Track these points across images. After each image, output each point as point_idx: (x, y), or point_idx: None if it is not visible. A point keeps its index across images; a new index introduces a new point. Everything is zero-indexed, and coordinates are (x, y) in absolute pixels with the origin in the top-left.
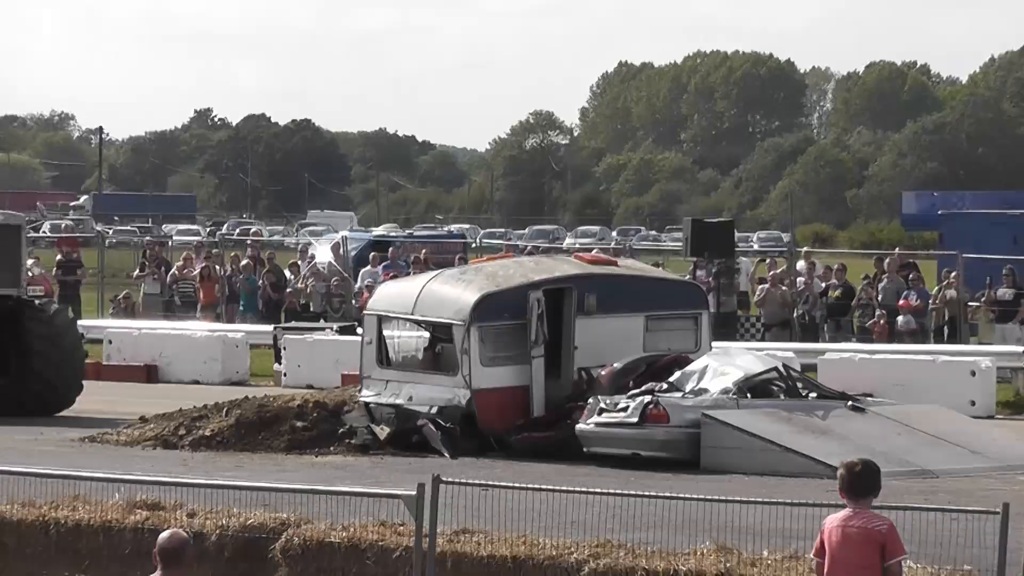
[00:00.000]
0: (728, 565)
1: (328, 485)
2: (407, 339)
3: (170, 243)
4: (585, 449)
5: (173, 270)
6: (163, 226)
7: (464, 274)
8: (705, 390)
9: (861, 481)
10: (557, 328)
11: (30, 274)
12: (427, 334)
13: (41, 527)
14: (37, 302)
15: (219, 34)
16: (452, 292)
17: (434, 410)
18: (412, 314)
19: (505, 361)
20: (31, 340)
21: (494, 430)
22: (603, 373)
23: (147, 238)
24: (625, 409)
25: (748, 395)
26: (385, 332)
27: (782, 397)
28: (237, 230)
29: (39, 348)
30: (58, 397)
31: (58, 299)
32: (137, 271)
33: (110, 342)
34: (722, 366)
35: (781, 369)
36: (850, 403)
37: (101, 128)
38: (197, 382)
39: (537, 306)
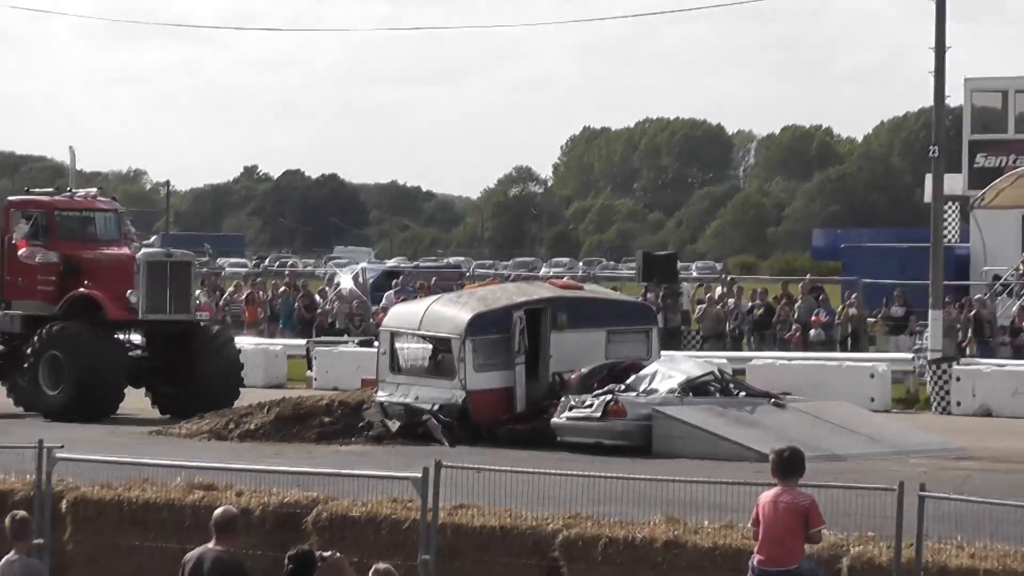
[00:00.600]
0: (676, 533)
1: (350, 469)
2: (414, 350)
3: (223, 273)
4: (558, 439)
5: (225, 295)
6: (218, 259)
7: (460, 297)
8: (655, 390)
9: (788, 464)
10: (535, 340)
11: (197, 302)
12: (430, 346)
13: (116, 504)
14: (203, 324)
15: (262, 103)
16: (450, 312)
17: (436, 407)
18: (419, 330)
19: (493, 367)
20: (197, 355)
21: (485, 423)
22: (572, 377)
23: (205, 269)
24: (591, 406)
25: (690, 394)
26: (396, 344)
27: (718, 396)
28: (277, 263)
29: (204, 362)
30: (219, 400)
31: None
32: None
33: None
34: (669, 371)
35: (717, 373)
36: (773, 400)
37: (168, 181)
38: (244, 386)
39: (519, 323)
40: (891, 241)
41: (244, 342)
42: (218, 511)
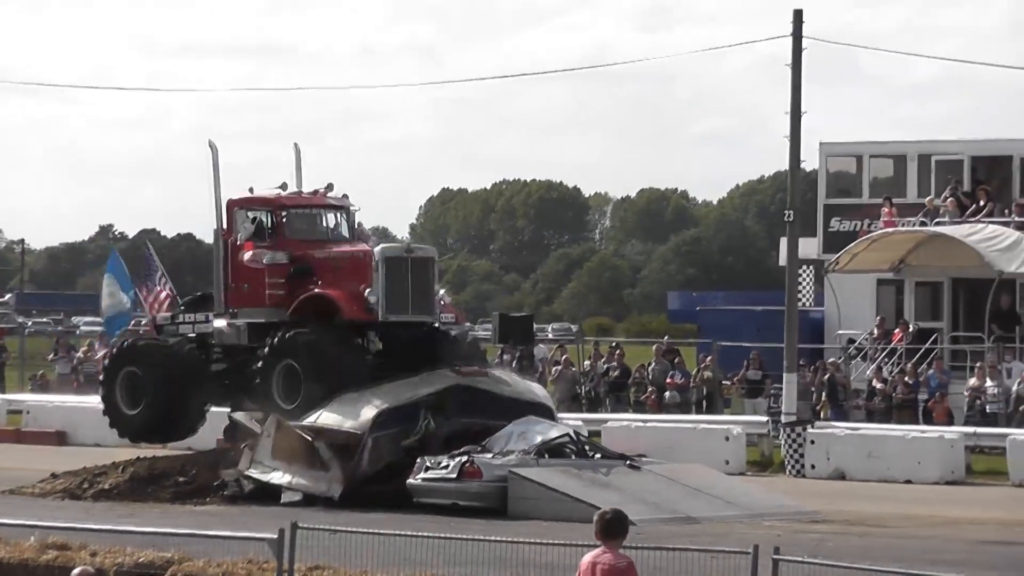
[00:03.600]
0: None
1: (205, 529)
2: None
3: (78, 332)
4: (414, 499)
5: (79, 354)
6: (72, 318)
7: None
8: (511, 451)
9: (610, 526)
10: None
11: (441, 302)
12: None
13: None
14: (447, 328)
15: (118, 161)
16: (354, 407)
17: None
18: (315, 422)
19: (383, 458)
20: (441, 365)
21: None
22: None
23: (59, 328)
24: (446, 467)
25: (546, 456)
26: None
27: (573, 457)
28: (132, 322)
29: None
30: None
31: None
32: (51, 355)
33: (28, 412)
34: (525, 432)
35: (572, 435)
36: (628, 462)
37: (23, 240)
38: (99, 445)
39: (424, 416)
40: (746, 304)
41: (98, 401)
42: (76, 571)
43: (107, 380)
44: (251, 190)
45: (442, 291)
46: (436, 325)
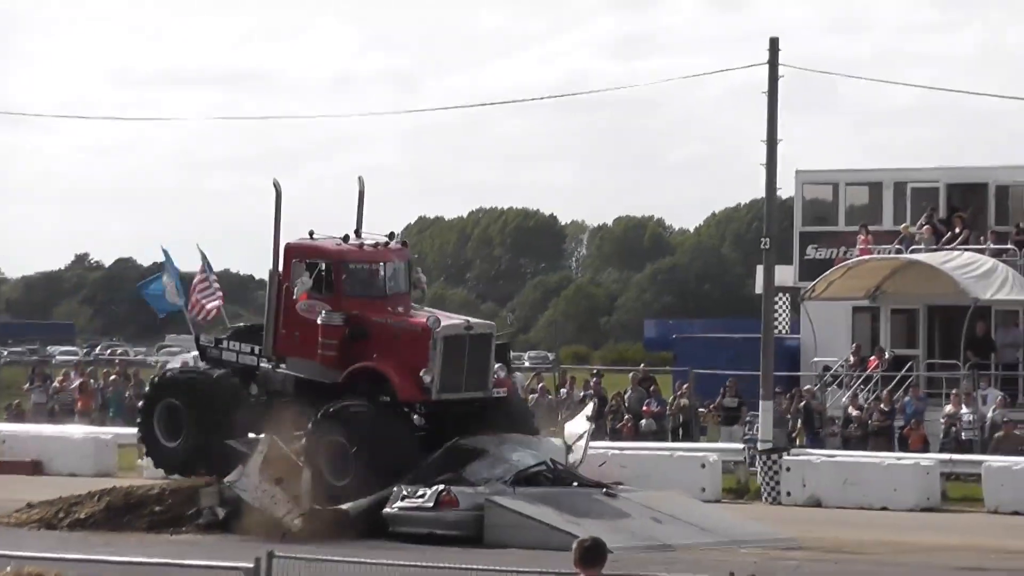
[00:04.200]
0: None
1: (181, 559)
2: None
3: (53, 361)
4: (390, 529)
5: (55, 383)
6: (48, 347)
7: None
8: (488, 480)
9: (589, 554)
10: None
11: (495, 376)
12: None
13: None
14: (498, 397)
15: (94, 190)
16: None
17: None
18: None
19: None
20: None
21: None
22: None
23: (35, 357)
24: (423, 496)
25: (523, 484)
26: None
27: (550, 486)
28: (108, 350)
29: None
30: None
31: None
32: (27, 384)
33: (3, 442)
34: (502, 460)
35: (549, 463)
36: (605, 490)
37: None
38: (74, 475)
39: None
40: (722, 332)
41: (74, 431)
42: None
43: (145, 411)
44: (311, 234)
45: (498, 366)
46: (487, 398)
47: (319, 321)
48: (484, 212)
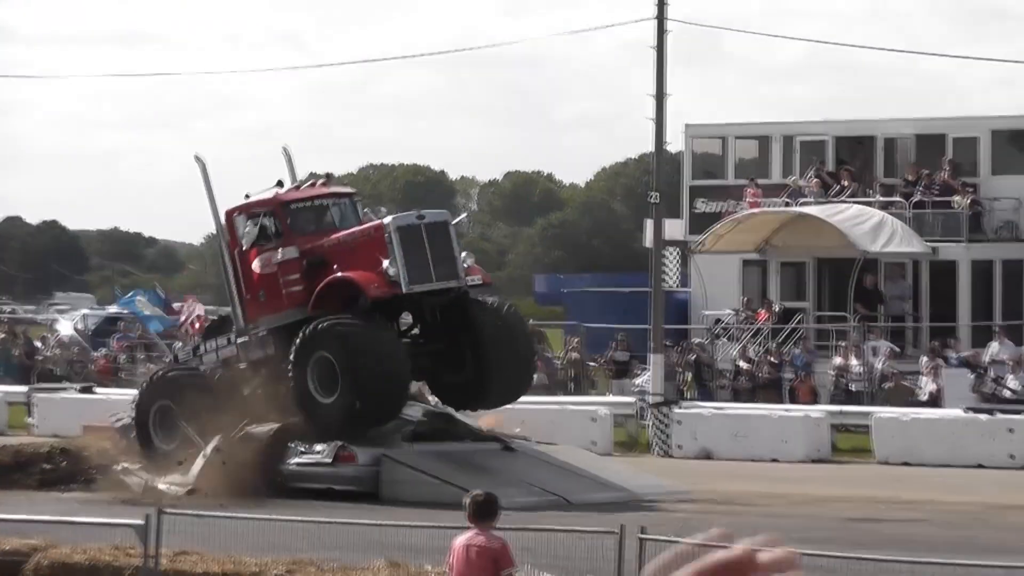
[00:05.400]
0: None
1: (71, 516)
2: None
3: None
4: (288, 485)
5: None
6: None
7: None
8: (385, 434)
9: (481, 509)
10: None
11: (464, 264)
12: None
13: None
14: (483, 298)
15: None
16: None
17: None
18: None
19: None
20: (486, 338)
21: None
22: None
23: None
24: (321, 451)
25: (421, 440)
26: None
27: (447, 441)
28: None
29: (496, 347)
30: (510, 392)
31: None
32: None
33: None
34: (400, 415)
35: (442, 416)
36: (503, 445)
37: None
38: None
39: None
40: (612, 286)
41: None
42: None
43: (140, 413)
44: (247, 196)
45: (464, 253)
46: (464, 289)
47: (275, 261)
48: (375, 168)
